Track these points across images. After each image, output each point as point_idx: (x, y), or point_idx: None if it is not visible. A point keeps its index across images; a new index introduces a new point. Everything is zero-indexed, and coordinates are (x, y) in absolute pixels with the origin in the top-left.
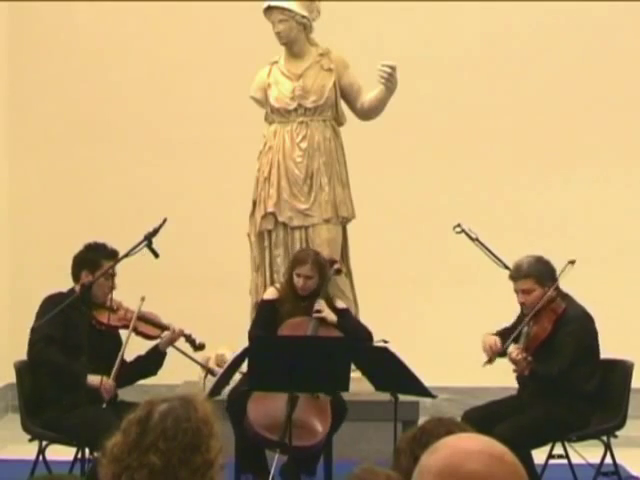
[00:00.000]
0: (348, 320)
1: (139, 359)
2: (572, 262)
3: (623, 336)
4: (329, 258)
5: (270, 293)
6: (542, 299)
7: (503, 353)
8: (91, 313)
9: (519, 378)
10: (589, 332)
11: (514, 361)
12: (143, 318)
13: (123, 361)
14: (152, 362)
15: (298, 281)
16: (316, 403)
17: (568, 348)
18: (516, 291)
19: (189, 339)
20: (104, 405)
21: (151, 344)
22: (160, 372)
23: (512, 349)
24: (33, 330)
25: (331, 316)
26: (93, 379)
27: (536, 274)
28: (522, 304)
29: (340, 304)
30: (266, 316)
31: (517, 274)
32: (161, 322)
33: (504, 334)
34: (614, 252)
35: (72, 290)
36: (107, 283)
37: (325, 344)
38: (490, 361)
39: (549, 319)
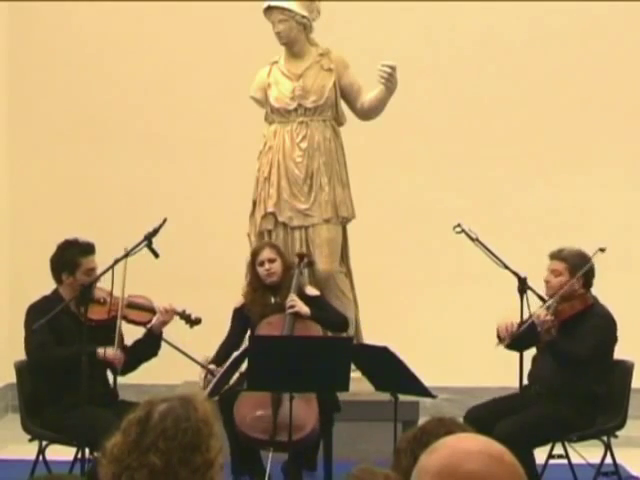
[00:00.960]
0: (321, 309)
1: (136, 343)
2: (602, 250)
3: (623, 336)
4: (298, 252)
5: (238, 301)
6: (567, 284)
7: (518, 336)
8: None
9: (530, 376)
10: (612, 333)
11: (543, 321)
12: (132, 305)
13: (124, 347)
14: (149, 345)
15: (262, 270)
16: (301, 397)
17: (591, 339)
18: (548, 270)
19: (183, 315)
20: (118, 374)
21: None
22: (160, 372)
23: (540, 311)
24: (27, 338)
25: (304, 309)
26: (101, 351)
27: (571, 262)
28: (547, 282)
29: (310, 291)
30: (236, 325)
31: (557, 254)
32: (151, 305)
33: (520, 323)
34: (615, 252)
35: (56, 292)
36: (88, 279)
37: (325, 344)
38: (503, 341)
39: (578, 304)
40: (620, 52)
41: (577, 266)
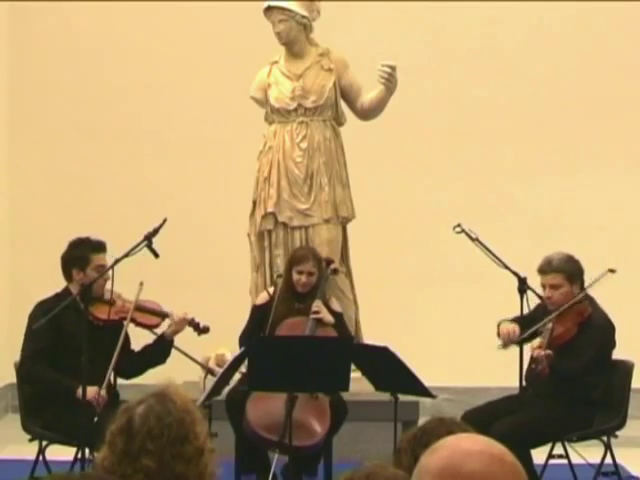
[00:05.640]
0: (341, 323)
1: (146, 348)
2: (612, 271)
3: (623, 336)
4: (326, 258)
5: (262, 298)
6: (571, 300)
7: (520, 342)
8: (88, 309)
9: (528, 376)
10: (609, 342)
11: (536, 359)
12: (141, 308)
13: (131, 351)
14: (159, 351)
15: (299, 278)
16: (315, 403)
17: (587, 353)
18: (543, 285)
19: (192, 323)
20: (95, 418)
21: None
22: (160, 372)
23: (536, 344)
24: (26, 338)
25: (328, 317)
26: (80, 392)
27: (566, 270)
28: (548, 298)
29: (336, 307)
30: (257, 322)
31: (548, 267)
32: (161, 310)
33: (522, 322)
34: (614, 252)
35: (66, 289)
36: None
37: (325, 344)
38: (505, 346)
39: (574, 321)
40: (620, 52)
41: (573, 273)
